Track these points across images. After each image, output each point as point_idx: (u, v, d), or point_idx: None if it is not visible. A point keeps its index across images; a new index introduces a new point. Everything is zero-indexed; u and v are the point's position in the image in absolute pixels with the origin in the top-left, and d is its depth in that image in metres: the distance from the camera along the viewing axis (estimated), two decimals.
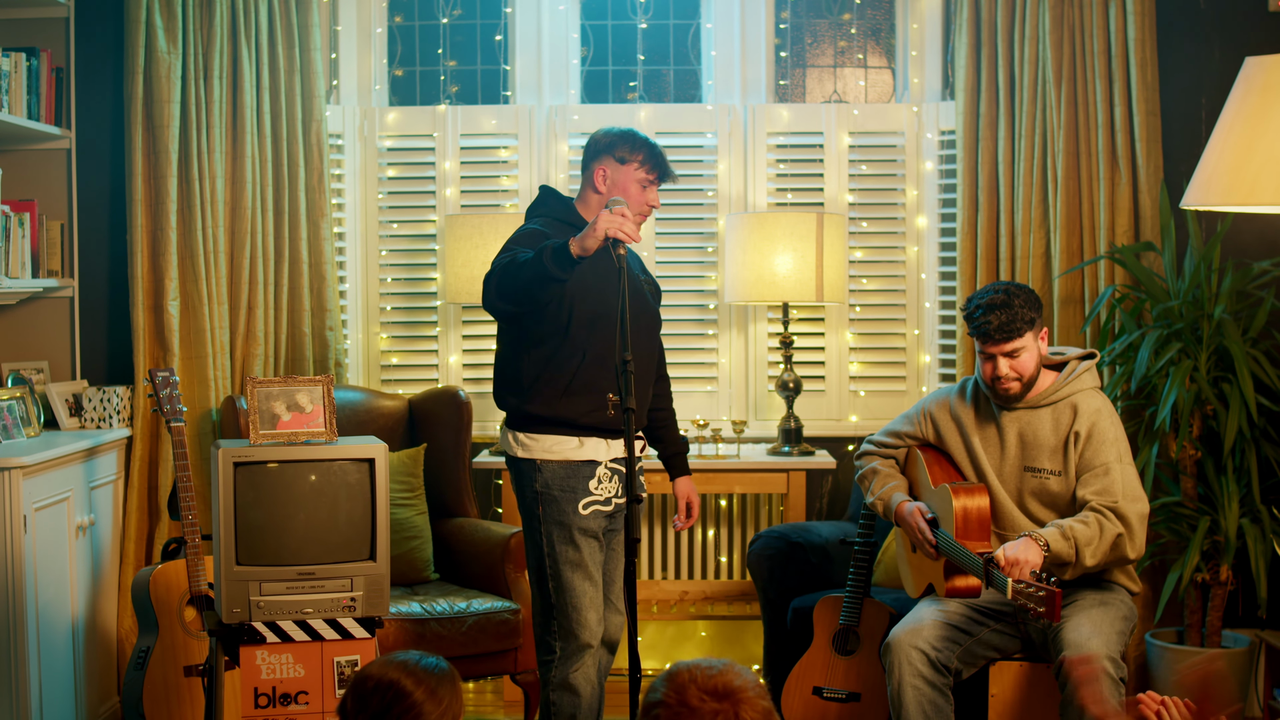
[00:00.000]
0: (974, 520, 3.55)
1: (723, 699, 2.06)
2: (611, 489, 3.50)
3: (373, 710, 2.28)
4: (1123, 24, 4.60)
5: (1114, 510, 3.45)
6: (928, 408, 3.81)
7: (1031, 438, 3.61)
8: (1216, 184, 3.29)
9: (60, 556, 4.09)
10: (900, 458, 3.85)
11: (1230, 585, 4.33)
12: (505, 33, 5.08)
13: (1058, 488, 3.57)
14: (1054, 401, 3.61)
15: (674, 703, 2.07)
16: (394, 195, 5.03)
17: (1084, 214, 4.66)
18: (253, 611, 3.14)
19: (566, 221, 3.51)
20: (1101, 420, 3.57)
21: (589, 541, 3.45)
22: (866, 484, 3.84)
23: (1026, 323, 3.53)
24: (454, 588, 4.41)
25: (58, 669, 4.06)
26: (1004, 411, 3.65)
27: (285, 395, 3.23)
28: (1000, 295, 3.55)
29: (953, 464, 3.74)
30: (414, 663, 2.31)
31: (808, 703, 4.00)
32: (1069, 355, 3.69)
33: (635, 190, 3.50)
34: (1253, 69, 3.31)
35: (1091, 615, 3.45)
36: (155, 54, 4.55)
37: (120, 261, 4.69)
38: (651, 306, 3.61)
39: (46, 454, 3.98)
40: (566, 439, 3.44)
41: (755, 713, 2.07)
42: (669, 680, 2.10)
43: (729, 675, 2.09)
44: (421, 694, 2.28)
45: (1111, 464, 3.52)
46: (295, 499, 3.20)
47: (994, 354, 3.56)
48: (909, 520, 3.63)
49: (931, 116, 4.97)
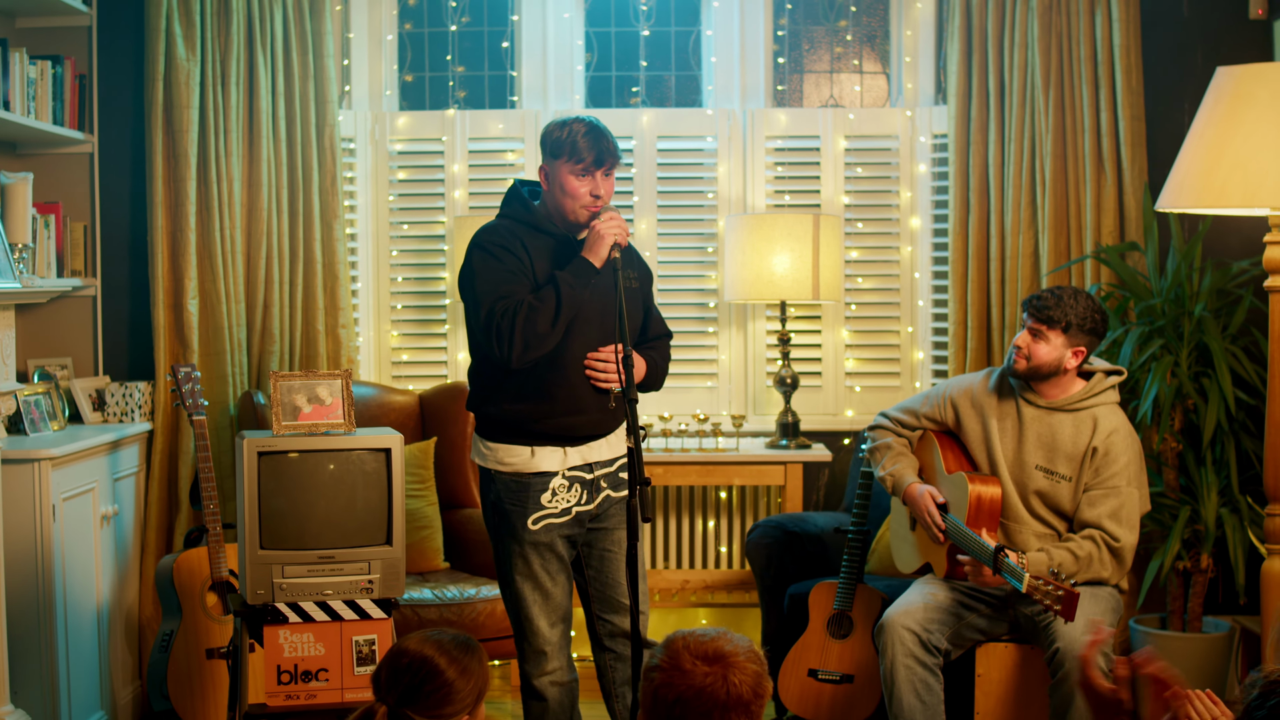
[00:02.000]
0: (986, 510, 3.70)
1: (713, 663, 2.22)
2: (572, 498, 3.41)
3: (405, 684, 2.43)
4: (1108, 32, 4.76)
5: (1110, 545, 3.61)
6: (950, 393, 3.92)
7: (1050, 439, 3.73)
8: (1188, 188, 3.46)
9: (86, 545, 4.26)
10: (914, 439, 3.99)
11: (1210, 573, 4.49)
12: (512, 39, 5.24)
13: (1065, 493, 3.71)
14: (1077, 409, 3.73)
15: (668, 666, 2.23)
16: (404, 197, 5.19)
17: (1071, 215, 4.83)
18: (276, 593, 3.30)
19: (526, 224, 3.41)
20: (1118, 439, 3.69)
21: (541, 553, 3.39)
22: (878, 458, 3.95)
23: (1062, 324, 3.67)
24: (464, 575, 4.58)
25: (84, 653, 4.22)
26: (1028, 407, 3.77)
27: (306, 388, 3.40)
28: (1064, 291, 3.71)
29: (965, 453, 3.88)
30: (447, 640, 2.46)
31: (803, 684, 4.17)
32: (1097, 367, 3.81)
33: (572, 184, 3.33)
34: (1223, 79, 3.48)
35: (1084, 608, 3.57)
36: (175, 61, 4.71)
37: (141, 261, 4.86)
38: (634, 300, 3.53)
39: (73, 446, 4.15)
40: (519, 449, 3.38)
41: (745, 676, 2.22)
42: (666, 646, 2.26)
43: (720, 642, 2.25)
44: (454, 671, 2.43)
45: (1122, 487, 3.66)
46: (316, 487, 3.36)
47: (1025, 324, 3.73)
48: (919, 502, 3.77)
49: (925, 120, 5.13)
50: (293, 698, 3.29)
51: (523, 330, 3.21)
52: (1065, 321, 3.67)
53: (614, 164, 3.39)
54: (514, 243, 3.35)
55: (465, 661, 2.46)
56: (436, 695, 2.43)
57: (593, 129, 3.35)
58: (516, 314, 3.22)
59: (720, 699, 2.21)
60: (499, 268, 3.31)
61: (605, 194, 3.37)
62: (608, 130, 3.40)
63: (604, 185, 3.36)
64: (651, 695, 2.25)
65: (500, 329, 3.22)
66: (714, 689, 2.21)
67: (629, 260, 3.51)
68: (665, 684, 2.23)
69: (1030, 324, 3.71)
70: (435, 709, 2.42)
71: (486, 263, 3.32)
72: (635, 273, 3.55)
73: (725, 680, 2.21)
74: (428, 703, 2.42)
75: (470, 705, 2.45)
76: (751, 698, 2.23)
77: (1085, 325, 3.68)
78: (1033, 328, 3.70)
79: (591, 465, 3.43)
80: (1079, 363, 3.74)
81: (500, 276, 3.30)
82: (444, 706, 2.42)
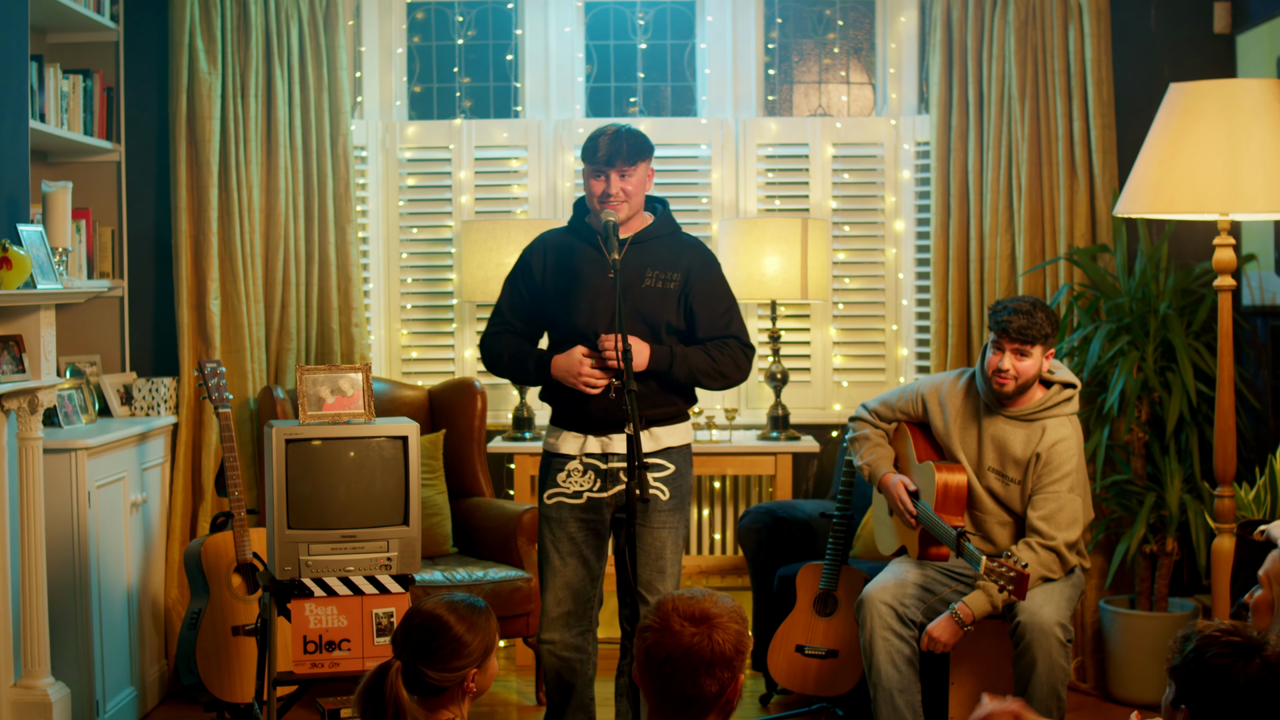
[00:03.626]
0: (953, 495, 3.96)
1: (699, 623, 2.45)
2: (584, 484, 3.73)
3: (417, 642, 2.70)
4: (1080, 45, 5.02)
5: (1045, 546, 3.86)
6: (922, 390, 4.17)
7: (1003, 444, 3.97)
8: (1143, 195, 3.73)
9: (117, 531, 4.53)
10: (890, 431, 4.25)
11: (1175, 555, 4.76)
12: (515, 52, 5.50)
13: (1015, 495, 3.97)
14: (1032, 419, 3.96)
15: (659, 627, 2.47)
16: (413, 202, 5.45)
17: (1045, 219, 5.09)
18: (302, 569, 3.57)
19: (573, 231, 3.79)
20: (1061, 448, 3.91)
21: (553, 529, 3.74)
22: (857, 448, 4.21)
23: (1041, 337, 3.87)
24: (472, 559, 4.85)
25: (116, 633, 4.49)
26: (987, 415, 4.01)
27: (329, 381, 3.67)
28: (1028, 305, 3.88)
29: (935, 444, 4.16)
30: (457, 601, 2.74)
31: (791, 659, 4.44)
32: (1056, 379, 3.99)
33: (589, 184, 3.68)
34: (1174, 94, 3.75)
35: (1044, 585, 3.86)
36: (197, 74, 4.98)
37: (165, 263, 5.13)
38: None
39: (105, 437, 4.42)
40: (555, 430, 3.79)
41: (727, 635, 2.46)
42: (657, 608, 2.50)
43: (706, 603, 2.48)
44: (461, 628, 2.70)
45: (1062, 493, 3.89)
46: (339, 471, 3.63)
47: (1005, 348, 3.89)
48: (892, 490, 4.04)
49: (908, 129, 5.39)
50: (318, 666, 3.56)
51: (487, 360, 3.85)
52: (1044, 334, 3.88)
53: (624, 163, 3.61)
54: (540, 256, 3.78)
55: (473, 619, 2.72)
56: (444, 651, 2.68)
57: (614, 133, 3.63)
58: (493, 347, 3.82)
59: (706, 656, 2.44)
60: (507, 289, 3.82)
61: (616, 191, 3.61)
62: (635, 132, 3.66)
63: (617, 184, 3.62)
64: (644, 653, 2.49)
65: (483, 344, 3.84)
66: (700, 647, 2.44)
67: (662, 261, 3.71)
68: (656, 643, 2.47)
69: (1013, 346, 3.87)
70: (444, 663, 2.67)
71: (505, 285, 3.85)
72: (671, 272, 3.71)
73: (710, 639, 2.45)
74: (437, 657, 2.67)
75: (478, 659, 2.70)
76: (734, 654, 2.47)
77: (1053, 327, 3.92)
78: (1018, 349, 3.87)
79: (608, 456, 3.71)
80: (1049, 361, 3.97)
81: (506, 301, 3.82)
82: (452, 661, 2.68)
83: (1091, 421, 4.76)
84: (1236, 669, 2.36)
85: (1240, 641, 2.40)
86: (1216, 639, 2.41)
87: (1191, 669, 2.40)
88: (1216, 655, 2.38)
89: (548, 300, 3.76)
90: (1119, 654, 4.81)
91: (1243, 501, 4.02)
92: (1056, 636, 3.74)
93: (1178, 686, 2.42)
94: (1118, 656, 4.81)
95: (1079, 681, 4.98)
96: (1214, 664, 2.38)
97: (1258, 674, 2.36)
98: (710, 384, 3.74)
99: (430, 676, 2.67)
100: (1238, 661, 2.37)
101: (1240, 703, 2.36)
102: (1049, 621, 3.73)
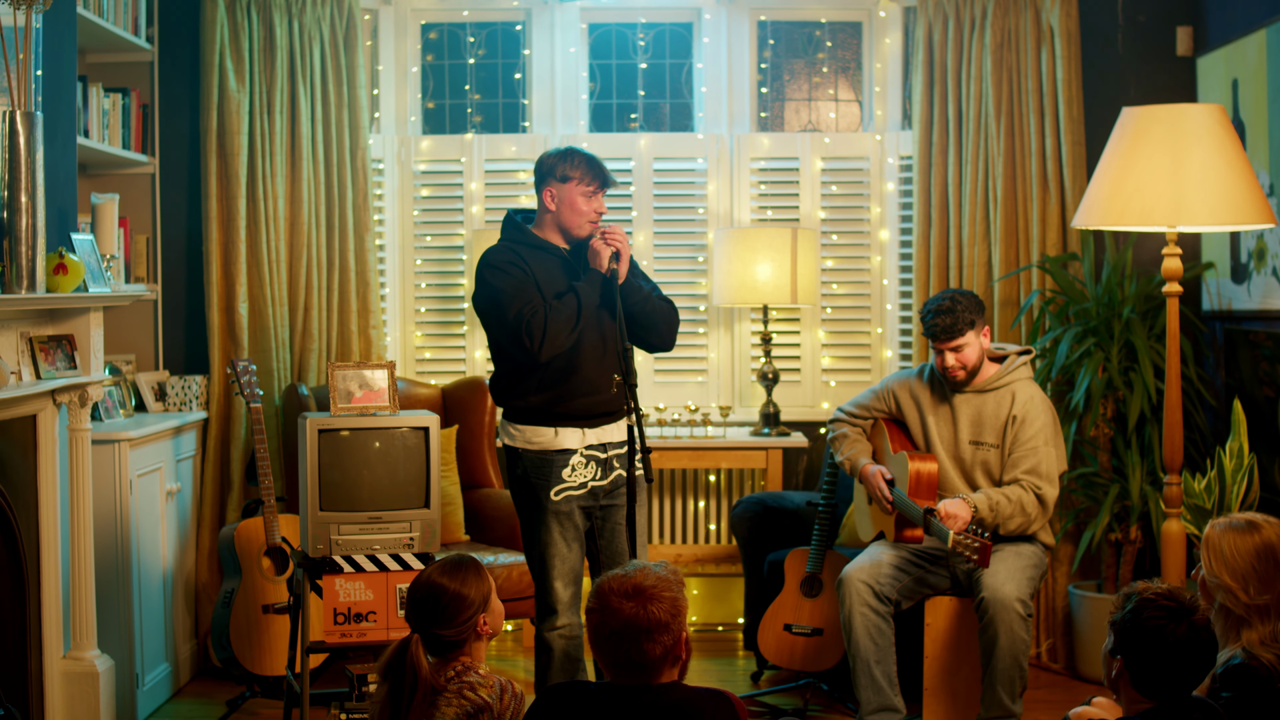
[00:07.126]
0: (924, 482, 4.32)
1: (634, 598, 2.60)
2: (588, 474, 3.91)
3: (426, 609, 2.96)
4: (1053, 67, 5.36)
5: (1038, 493, 4.22)
6: (891, 386, 4.55)
7: (977, 416, 4.36)
8: (1096, 209, 4.08)
9: (154, 518, 4.87)
10: (867, 427, 4.61)
11: (1139, 543, 5.10)
12: (523, 71, 5.82)
13: (994, 459, 4.34)
14: (997, 388, 4.36)
15: (599, 607, 2.64)
16: (427, 212, 5.77)
17: (1019, 229, 5.42)
18: (332, 548, 3.91)
19: (526, 243, 3.91)
20: (1033, 406, 4.31)
21: (561, 522, 3.87)
22: (837, 446, 4.58)
23: (968, 324, 4.28)
24: (482, 545, 5.19)
25: (153, 612, 4.83)
26: (955, 395, 4.40)
27: (358, 376, 4.02)
28: (946, 302, 4.29)
29: (908, 435, 4.51)
30: (446, 564, 3.00)
31: (779, 637, 4.78)
32: (1009, 351, 4.45)
33: (581, 203, 3.87)
34: (1126, 118, 4.11)
35: (1007, 563, 4.20)
36: (226, 92, 5.32)
37: (196, 269, 5.48)
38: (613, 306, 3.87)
39: (144, 430, 4.76)
40: (545, 430, 3.88)
41: (661, 603, 2.60)
42: (595, 590, 2.68)
43: (638, 576, 2.63)
44: (455, 584, 2.95)
45: (1040, 446, 4.27)
46: (366, 459, 3.96)
47: (942, 349, 4.31)
48: (871, 480, 4.39)
49: (893, 144, 5.71)
50: (346, 636, 3.89)
51: (549, 328, 3.73)
52: (969, 321, 4.27)
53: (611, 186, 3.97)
54: (518, 260, 3.87)
55: (463, 575, 2.98)
56: (450, 609, 2.94)
57: (593, 159, 3.91)
58: (545, 314, 3.74)
59: (644, 625, 2.58)
60: (513, 280, 3.83)
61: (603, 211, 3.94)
62: None
63: (603, 205, 3.94)
64: (593, 631, 2.67)
65: (530, 327, 3.73)
66: (638, 618, 2.58)
67: None
68: (600, 622, 2.65)
69: (948, 346, 4.27)
70: (454, 619, 2.94)
71: (501, 277, 3.84)
72: None
73: (645, 610, 2.58)
74: (444, 616, 2.94)
75: (480, 605, 2.96)
76: (669, 619, 2.61)
77: (975, 310, 4.29)
78: (952, 346, 4.27)
79: (605, 445, 3.97)
80: (989, 338, 4.35)
81: (518, 286, 3.82)
82: (459, 615, 2.94)
83: (1060, 418, 5.10)
84: (1167, 630, 2.63)
85: (1174, 606, 2.66)
86: (1154, 601, 2.67)
87: (1129, 626, 2.67)
88: (1151, 617, 2.66)
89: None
90: (1086, 635, 5.14)
91: (1193, 491, 4.35)
92: (1017, 611, 4.08)
93: (1116, 639, 2.70)
94: (1085, 638, 5.15)
95: (1050, 662, 5.32)
96: (1148, 624, 2.65)
97: (1185, 635, 2.63)
98: (654, 307, 3.94)
99: (446, 635, 2.93)
100: (1169, 624, 2.64)
101: (1169, 659, 2.64)
102: (1010, 598, 4.07)
